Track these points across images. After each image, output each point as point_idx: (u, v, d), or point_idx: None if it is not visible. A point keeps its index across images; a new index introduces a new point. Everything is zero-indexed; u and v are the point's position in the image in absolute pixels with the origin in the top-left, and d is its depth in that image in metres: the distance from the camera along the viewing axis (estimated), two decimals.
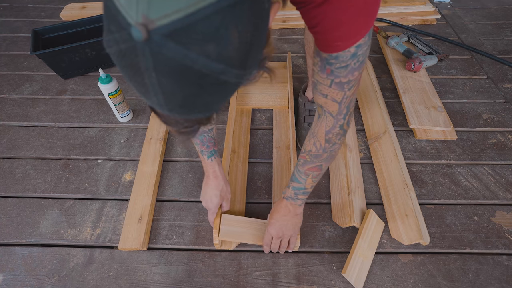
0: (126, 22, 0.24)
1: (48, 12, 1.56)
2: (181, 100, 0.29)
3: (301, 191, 0.68)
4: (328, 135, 0.58)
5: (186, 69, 0.26)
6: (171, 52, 0.25)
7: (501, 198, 0.87)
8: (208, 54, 0.26)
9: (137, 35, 0.23)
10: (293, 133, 0.95)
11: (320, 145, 0.60)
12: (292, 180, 0.69)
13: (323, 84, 0.52)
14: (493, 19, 1.49)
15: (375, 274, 0.74)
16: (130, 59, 0.26)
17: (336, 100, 0.53)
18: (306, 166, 0.64)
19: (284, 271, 0.75)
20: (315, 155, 0.62)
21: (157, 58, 0.25)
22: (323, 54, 0.48)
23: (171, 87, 0.28)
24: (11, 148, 0.98)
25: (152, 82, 0.27)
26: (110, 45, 0.27)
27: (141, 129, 1.04)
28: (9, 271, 0.74)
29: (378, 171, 0.91)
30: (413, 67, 1.14)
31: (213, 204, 0.75)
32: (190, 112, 0.32)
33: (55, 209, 0.85)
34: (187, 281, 0.73)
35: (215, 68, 0.27)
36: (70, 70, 1.18)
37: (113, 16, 0.25)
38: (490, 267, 0.75)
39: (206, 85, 0.28)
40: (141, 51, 0.25)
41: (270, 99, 1.09)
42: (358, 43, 0.45)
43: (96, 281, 0.73)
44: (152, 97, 0.29)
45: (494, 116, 1.07)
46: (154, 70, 0.26)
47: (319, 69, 0.51)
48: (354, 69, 0.48)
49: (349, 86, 0.51)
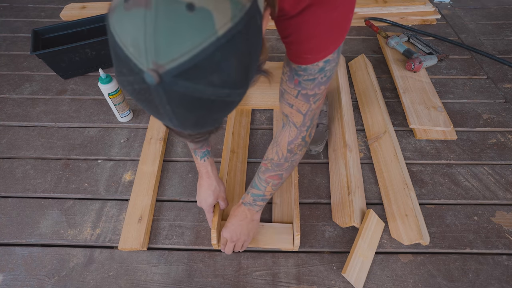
0: (138, 68, 0.26)
1: (48, 12, 1.56)
2: (193, 121, 0.32)
3: (260, 198, 0.69)
4: (291, 145, 0.60)
5: (196, 99, 0.28)
6: (182, 88, 0.27)
7: (501, 198, 0.87)
8: (214, 83, 0.28)
9: (150, 80, 0.26)
10: None
11: (282, 154, 0.61)
12: (252, 186, 0.70)
13: (290, 94, 0.53)
14: (493, 19, 1.49)
15: (375, 274, 0.74)
16: (144, 96, 0.29)
17: (301, 111, 0.54)
18: (267, 174, 0.65)
19: (284, 271, 0.75)
20: (276, 164, 0.63)
21: (169, 95, 0.27)
22: (293, 64, 0.49)
23: (184, 114, 0.30)
24: (11, 148, 0.98)
25: (167, 112, 0.30)
26: (124, 85, 0.30)
27: (141, 129, 1.04)
28: (9, 271, 0.74)
29: (378, 171, 0.91)
30: (413, 67, 1.14)
31: (207, 204, 0.76)
32: (201, 128, 0.35)
33: (55, 209, 0.85)
34: (187, 281, 0.73)
35: (221, 94, 0.29)
36: (70, 70, 1.18)
37: (123, 62, 0.27)
38: (490, 267, 0.75)
39: (214, 108, 0.31)
40: (155, 91, 0.27)
41: (270, 99, 1.09)
42: (327, 59, 0.46)
43: (96, 281, 0.73)
44: (167, 121, 0.32)
45: (494, 116, 1.07)
46: (168, 104, 0.28)
47: (288, 79, 0.52)
48: (320, 83, 0.49)
49: (315, 99, 0.52)
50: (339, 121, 1.01)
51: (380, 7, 1.49)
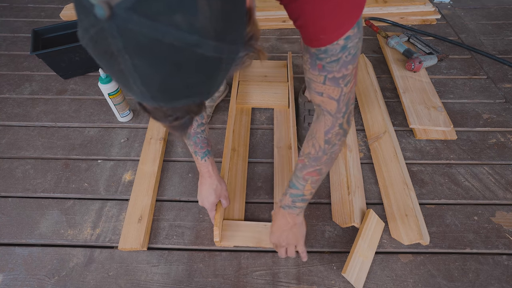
0: (89, 4, 0.24)
1: (48, 12, 1.56)
2: (160, 83, 0.28)
3: (299, 198, 0.64)
4: (328, 135, 0.55)
5: (157, 44, 0.25)
6: (138, 27, 0.24)
7: (501, 198, 0.87)
8: (177, 24, 0.24)
9: (101, 13, 0.23)
10: (294, 133, 0.95)
11: (319, 147, 0.57)
12: (290, 186, 0.65)
13: (317, 81, 0.49)
14: (493, 19, 1.49)
15: (375, 274, 0.74)
16: (101, 44, 0.26)
17: (333, 97, 0.50)
18: (305, 171, 0.60)
19: (284, 271, 0.75)
20: (314, 158, 0.58)
21: (125, 36, 0.24)
22: (311, 49, 0.46)
23: (146, 69, 0.27)
24: (11, 148, 0.98)
25: (127, 66, 0.26)
26: (82, 36, 0.27)
27: (141, 129, 1.04)
28: (9, 271, 0.74)
29: (378, 171, 0.91)
30: (413, 67, 1.14)
31: (209, 203, 0.75)
32: (173, 98, 0.31)
33: (55, 209, 0.85)
34: (187, 281, 0.73)
35: (187, 39, 0.25)
36: (70, 70, 1.18)
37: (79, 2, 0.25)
38: (490, 267, 0.75)
39: (183, 62, 0.27)
40: (109, 32, 0.24)
41: (270, 98, 1.09)
42: (347, 35, 0.43)
43: (96, 281, 0.73)
44: (132, 85, 0.28)
45: (494, 116, 1.07)
46: (126, 51, 0.25)
47: (310, 66, 0.49)
48: (346, 62, 0.46)
49: (345, 82, 0.48)
50: None
51: (380, 7, 1.49)
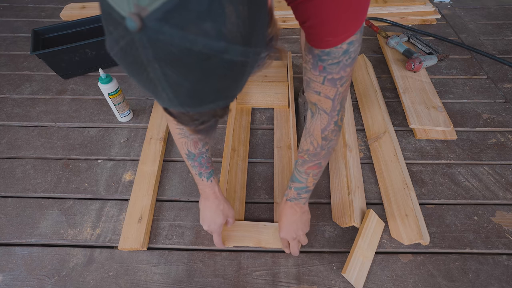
0: (120, 16, 0.24)
1: (48, 12, 1.56)
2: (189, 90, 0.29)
3: (304, 190, 0.68)
4: (324, 132, 0.58)
5: (186, 53, 0.25)
6: (168, 37, 0.24)
7: (501, 198, 0.87)
8: (206, 32, 0.25)
9: (132, 25, 0.23)
10: (294, 133, 0.95)
11: (317, 144, 0.60)
12: (293, 180, 0.69)
13: (316, 81, 0.52)
14: (493, 19, 1.49)
15: (375, 274, 0.74)
16: (131, 55, 0.26)
17: (329, 97, 0.53)
18: (306, 166, 0.64)
19: (284, 271, 0.75)
20: (313, 154, 0.62)
21: (156, 46, 0.25)
22: (315, 50, 0.48)
23: (176, 77, 0.27)
24: (11, 148, 0.98)
25: (157, 75, 0.27)
26: (112, 47, 0.27)
27: (141, 129, 1.04)
28: (9, 271, 0.74)
29: (378, 171, 0.91)
30: (413, 67, 1.14)
31: (216, 225, 0.72)
32: (202, 103, 0.31)
33: (55, 209, 0.85)
34: (187, 281, 0.73)
35: (216, 47, 0.26)
36: (70, 70, 1.18)
37: (108, 15, 0.25)
38: (490, 267, 0.75)
39: (211, 69, 0.27)
40: (140, 42, 0.24)
41: (270, 98, 1.09)
42: (350, 40, 0.45)
43: (96, 281, 0.73)
44: (161, 92, 0.29)
45: (494, 116, 1.07)
46: (156, 61, 0.25)
47: (311, 67, 0.51)
48: (346, 65, 0.48)
49: (342, 82, 0.51)
50: None
51: (380, 7, 1.49)
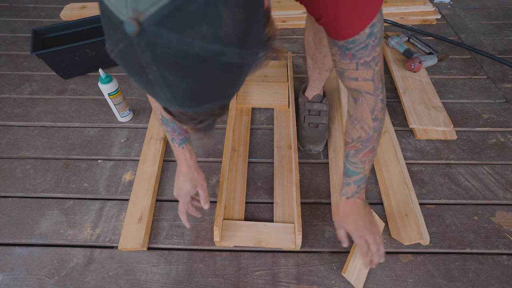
0: (119, 20, 0.25)
1: (48, 12, 1.55)
2: (186, 90, 0.29)
3: (363, 180, 0.65)
4: (374, 113, 0.58)
5: (184, 55, 0.26)
6: (165, 40, 0.25)
7: (501, 198, 0.87)
8: (203, 35, 0.25)
9: (130, 29, 0.24)
10: (294, 133, 0.95)
11: (369, 127, 0.60)
12: (349, 175, 0.66)
13: (349, 69, 0.53)
14: (493, 19, 1.49)
15: (375, 274, 0.74)
16: (130, 57, 0.27)
17: (368, 78, 0.54)
18: (360, 154, 0.62)
19: (284, 271, 0.75)
20: (366, 139, 0.61)
21: (153, 49, 0.25)
22: (339, 42, 0.49)
23: (174, 79, 0.28)
24: (11, 148, 0.98)
25: (155, 77, 0.27)
26: (112, 49, 0.28)
27: (141, 129, 1.04)
28: (9, 271, 0.74)
29: (378, 171, 0.91)
30: (413, 67, 1.14)
31: (183, 192, 0.71)
32: (199, 103, 0.31)
33: (55, 209, 0.85)
34: (187, 281, 0.73)
35: (212, 49, 0.26)
36: (70, 70, 1.18)
37: (108, 19, 0.26)
38: (490, 267, 0.75)
39: (208, 70, 0.28)
40: (138, 46, 0.25)
41: (270, 98, 1.09)
42: (372, 23, 0.46)
43: (96, 281, 0.73)
44: (159, 93, 0.29)
45: (494, 116, 1.07)
46: (154, 63, 0.26)
47: (340, 57, 0.52)
48: (374, 46, 0.49)
49: (375, 62, 0.52)
50: (339, 121, 1.01)
51: None
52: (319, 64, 0.89)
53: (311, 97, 1.00)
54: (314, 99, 1.00)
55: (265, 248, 0.78)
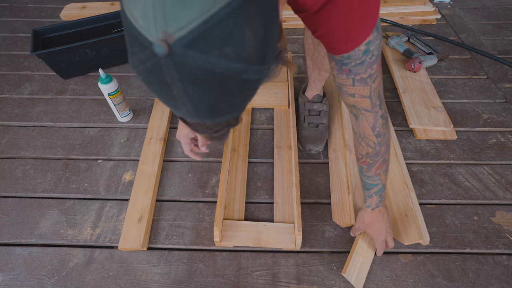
0: (147, 41, 0.26)
1: (48, 12, 1.55)
2: (208, 105, 0.31)
3: (382, 189, 0.68)
4: (376, 130, 0.59)
5: (208, 74, 0.27)
6: (192, 61, 0.26)
7: (501, 198, 0.87)
8: (227, 55, 0.27)
9: (160, 51, 0.25)
10: (294, 133, 0.95)
11: (373, 143, 0.61)
12: (368, 188, 0.68)
13: (346, 84, 0.53)
14: (493, 19, 1.49)
15: (375, 274, 0.74)
16: (156, 74, 0.28)
17: (364, 95, 0.54)
18: (373, 168, 0.64)
19: (284, 271, 0.75)
20: (374, 154, 0.62)
21: (181, 69, 0.26)
22: (336, 56, 0.50)
23: (197, 95, 0.29)
24: (11, 148, 0.98)
25: (180, 93, 0.29)
26: (136, 66, 0.29)
27: (141, 129, 1.04)
28: (9, 271, 0.74)
29: None
30: (413, 67, 1.14)
31: (183, 134, 0.76)
32: (218, 115, 0.33)
33: (55, 209, 0.85)
34: (187, 281, 0.73)
35: (235, 68, 0.28)
36: (70, 70, 1.18)
37: (134, 38, 0.27)
38: (490, 267, 0.75)
39: (230, 87, 0.29)
40: (166, 65, 0.26)
41: (270, 98, 1.09)
42: (368, 40, 0.47)
43: (96, 281, 0.73)
44: (181, 107, 0.31)
45: (494, 116, 1.07)
46: (179, 81, 0.27)
47: (338, 72, 0.52)
48: (371, 63, 0.50)
49: (372, 79, 0.52)
50: (339, 121, 1.01)
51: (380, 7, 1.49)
52: (318, 65, 0.89)
53: (311, 97, 1.00)
54: (314, 99, 1.00)
55: (265, 248, 0.78)
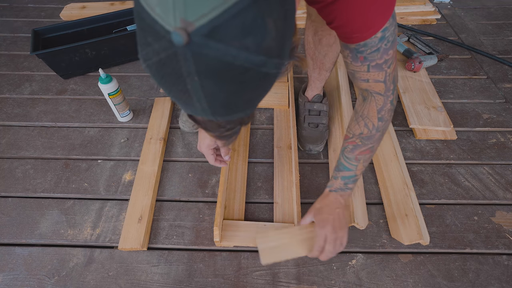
0: (164, 30, 0.24)
1: (48, 12, 1.55)
2: (223, 101, 0.29)
3: (351, 179, 0.65)
4: (381, 112, 0.59)
5: (228, 66, 0.26)
6: (212, 51, 0.24)
7: (501, 198, 0.87)
8: (248, 47, 0.26)
9: (178, 40, 0.23)
10: (294, 133, 0.95)
11: (372, 125, 0.60)
12: (340, 169, 0.66)
13: (361, 71, 0.53)
14: (493, 19, 1.49)
15: (375, 274, 0.74)
16: (171, 67, 0.26)
17: (379, 80, 0.54)
18: (357, 151, 0.62)
19: (284, 271, 0.75)
20: (367, 137, 0.61)
21: (199, 60, 0.25)
22: (351, 45, 0.49)
23: (213, 89, 0.27)
24: (11, 148, 0.98)
25: (195, 87, 0.27)
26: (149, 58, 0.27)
27: (141, 129, 1.04)
28: (9, 271, 0.74)
29: (378, 171, 0.91)
30: (413, 67, 1.14)
31: (204, 145, 0.73)
32: (233, 112, 0.32)
33: (55, 209, 0.85)
34: (187, 281, 0.73)
35: (256, 61, 0.27)
36: (70, 70, 1.18)
37: (149, 27, 0.25)
38: (490, 267, 0.75)
39: (248, 81, 0.28)
40: (183, 56, 0.25)
41: (270, 98, 1.09)
42: (384, 27, 0.47)
43: (96, 281, 0.73)
44: (195, 103, 0.29)
45: (494, 116, 1.07)
46: (196, 73, 0.26)
47: (352, 60, 0.52)
48: (386, 49, 0.50)
49: (388, 64, 0.52)
50: (339, 121, 1.01)
51: None
52: (319, 64, 0.89)
53: (311, 97, 1.00)
54: (314, 99, 1.00)
55: None
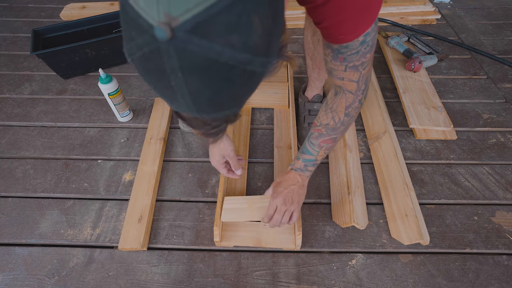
0: (147, 24, 0.24)
1: (48, 12, 1.56)
2: (208, 98, 0.29)
3: (311, 163, 0.70)
4: (348, 109, 0.62)
5: (212, 63, 0.25)
6: (196, 48, 0.24)
7: (501, 198, 0.87)
8: (233, 44, 0.25)
9: (161, 35, 0.23)
10: (294, 133, 0.95)
11: (339, 119, 0.64)
12: (303, 152, 0.70)
13: (338, 70, 0.56)
14: (493, 19, 1.49)
15: (375, 274, 0.74)
16: (154, 62, 0.26)
17: (353, 80, 0.57)
18: (321, 139, 0.67)
19: (284, 271, 0.75)
20: (332, 128, 0.65)
21: (182, 56, 0.24)
22: (334, 45, 0.52)
23: (197, 86, 0.27)
24: (11, 148, 0.98)
25: (179, 83, 0.26)
26: (132, 52, 0.27)
27: (141, 129, 1.04)
28: (9, 271, 0.74)
29: (378, 171, 0.91)
30: (413, 67, 1.14)
31: (215, 161, 0.80)
32: (218, 110, 0.31)
33: (55, 209, 0.85)
34: (187, 281, 0.73)
35: (241, 59, 0.26)
36: (70, 70, 1.18)
37: (132, 21, 0.25)
38: (490, 267, 0.75)
39: (233, 79, 0.28)
40: (166, 52, 0.24)
41: (270, 98, 1.09)
42: (366, 32, 0.49)
43: (96, 281, 0.73)
44: (179, 99, 0.29)
45: (494, 116, 1.07)
46: (180, 70, 0.25)
47: (332, 58, 0.55)
48: (365, 53, 0.52)
49: (364, 66, 0.55)
50: None
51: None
52: (318, 65, 0.89)
53: (311, 97, 1.00)
54: (314, 99, 1.00)
55: (265, 248, 0.78)
